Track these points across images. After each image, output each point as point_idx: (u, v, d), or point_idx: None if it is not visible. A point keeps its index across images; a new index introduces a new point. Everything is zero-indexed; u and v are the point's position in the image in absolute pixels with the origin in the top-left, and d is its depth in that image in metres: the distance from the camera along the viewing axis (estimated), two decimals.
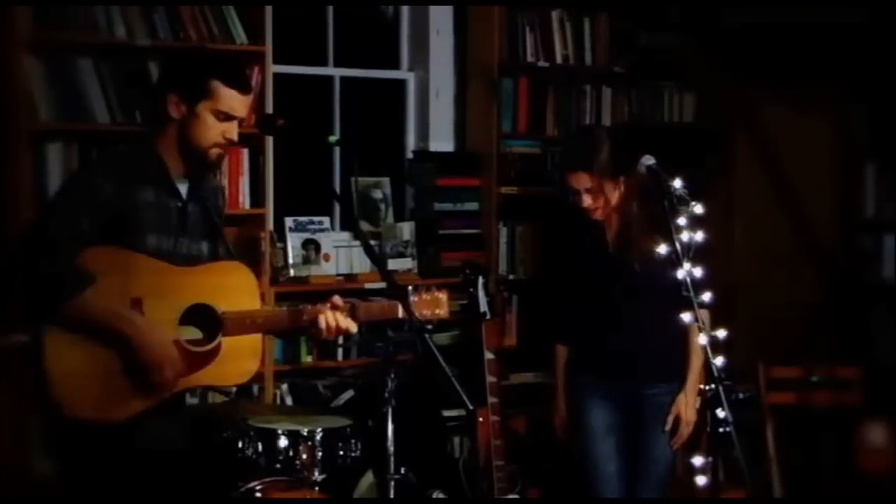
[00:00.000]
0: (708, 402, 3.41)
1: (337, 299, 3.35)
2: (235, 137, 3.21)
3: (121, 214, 3.07)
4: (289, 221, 5.09)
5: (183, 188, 3.23)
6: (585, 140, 4.06)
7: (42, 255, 2.95)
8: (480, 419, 4.49)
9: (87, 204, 3.04)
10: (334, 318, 3.30)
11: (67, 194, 3.14)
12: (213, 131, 3.16)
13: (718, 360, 3.39)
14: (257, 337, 3.27)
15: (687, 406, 4.09)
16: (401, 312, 3.44)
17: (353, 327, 3.35)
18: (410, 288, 3.53)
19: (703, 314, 3.49)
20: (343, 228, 5.34)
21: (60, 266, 2.96)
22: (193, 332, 3.19)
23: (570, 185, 4.02)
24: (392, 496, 3.70)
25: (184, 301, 3.14)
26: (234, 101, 3.17)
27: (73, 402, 3.01)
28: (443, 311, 3.55)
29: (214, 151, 3.19)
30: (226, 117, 3.16)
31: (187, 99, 3.14)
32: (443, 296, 3.56)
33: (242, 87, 3.19)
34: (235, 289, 3.23)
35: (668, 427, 4.09)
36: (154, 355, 3.05)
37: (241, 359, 3.24)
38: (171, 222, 3.18)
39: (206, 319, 3.17)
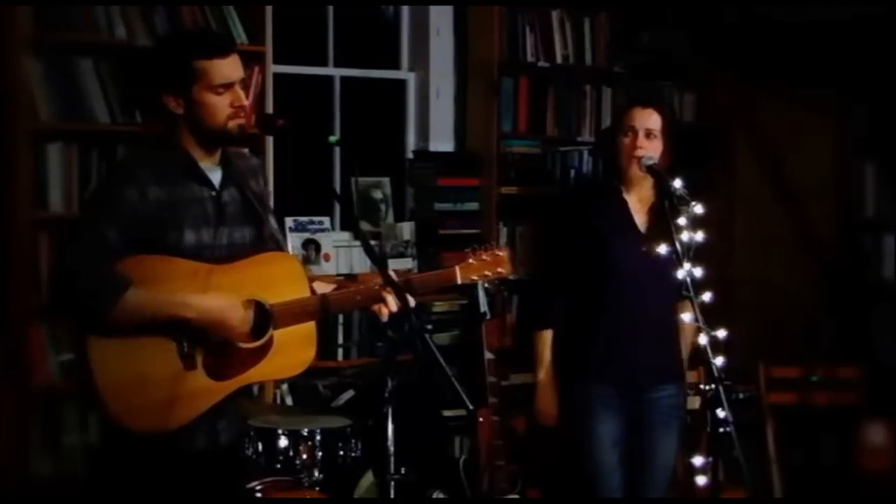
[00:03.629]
0: (708, 402, 3.41)
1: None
2: (245, 101, 3.09)
3: (152, 218, 2.97)
4: (289, 221, 5.09)
5: (215, 177, 3.11)
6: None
7: (76, 274, 2.86)
8: (480, 419, 4.49)
9: (111, 217, 2.94)
10: (394, 298, 3.15)
11: (90, 212, 3.03)
12: (220, 107, 3.04)
13: (718, 360, 3.39)
14: (311, 325, 3.16)
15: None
16: (459, 278, 3.31)
17: (412, 301, 3.15)
18: (467, 251, 3.35)
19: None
20: (343, 228, 5.34)
21: (95, 281, 2.86)
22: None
23: (630, 124, 3.98)
24: (392, 496, 3.70)
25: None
26: (224, 68, 3.04)
27: (129, 413, 2.92)
28: (505, 269, 3.35)
29: (233, 124, 3.06)
30: (224, 88, 3.05)
31: (180, 91, 3.04)
32: (503, 253, 3.36)
33: (222, 50, 3.06)
34: (281, 279, 3.12)
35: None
36: (217, 315, 2.96)
37: (295, 349, 3.14)
38: (208, 214, 3.07)
39: (255, 315, 3.07)
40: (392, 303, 3.16)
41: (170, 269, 2.98)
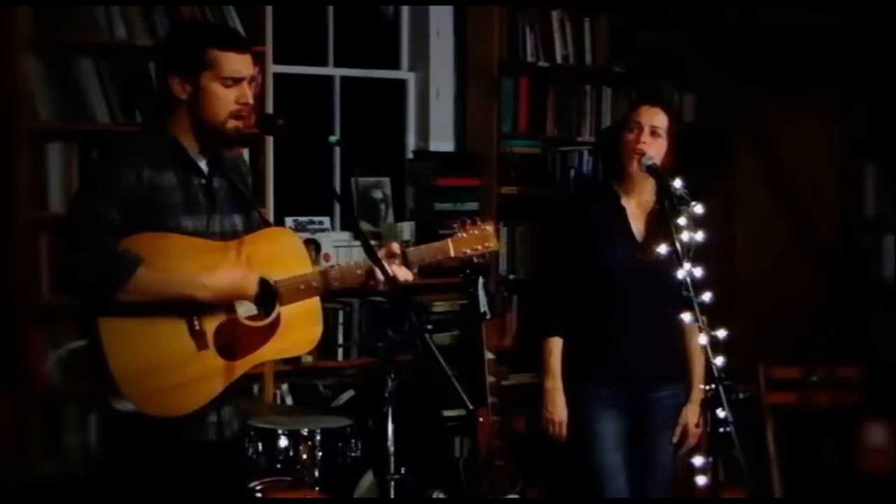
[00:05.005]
0: (708, 402, 3.41)
1: (395, 247, 3.22)
2: (250, 100, 3.09)
3: (147, 202, 2.96)
4: (289, 221, 5.09)
5: (204, 164, 3.11)
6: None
7: (82, 253, 2.85)
8: (480, 419, 4.49)
9: (112, 194, 2.93)
10: (391, 269, 3.14)
11: (91, 189, 3.00)
12: (226, 100, 3.04)
13: (718, 360, 3.39)
14: (315, 301, 3.14)
15: (692, 416, 4.06)
16: (452, 251, 3.32)
17: (410, 275, 3.18)
18: (456, 225, 3.36)
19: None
20: (343, 228, 5.34)
21: (104, 258, 2.85)
22: (250, 308, 3.07)
23: (636, 120, 3.97)
24: (392, 496, 3.70)
25: None
26: (236, 63, 3.05)
27: (146, 397, 2.90)
28: (492, 244, 3.37)
29: (232, 125, 3.06)
30: (233, 82, 3.04)
31: (189, 76, 3.03)
32: (489, 227, 3.37)
33: (239, 45, 3.08)
34: (284, 255, 3.12)
35: (675, 440, 4.07)
36: (230, 291, 2.96)
37: (303, 326, 3.12)
38: (199, 201, 3.06)
39: (260, 292, 3.05)
40: (381, 275, 3.12)
41: (175, 246, 2.97)
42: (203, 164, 3.12)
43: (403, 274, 3.18)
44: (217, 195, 3.12)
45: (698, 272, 3.49)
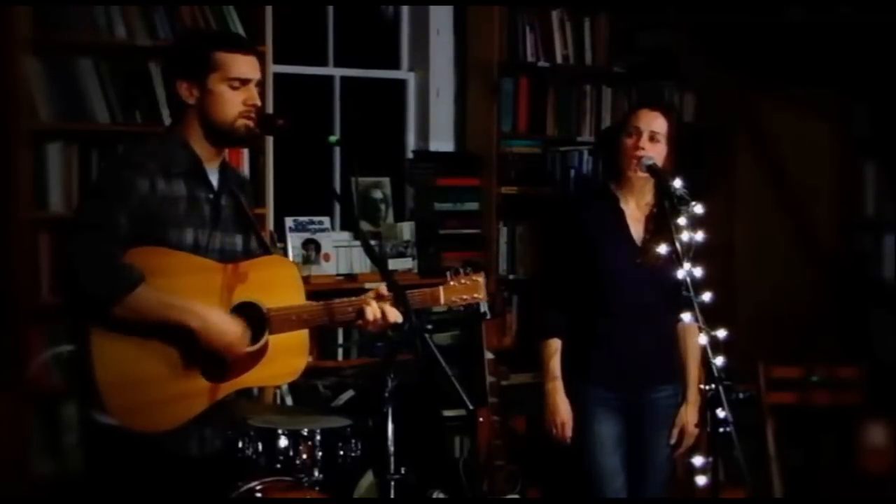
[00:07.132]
0: (708, 402, 3.41)
1: (382, 289, 3.23)
2: (258, 101, 3.11)
3: (155, 210, 2.98)
4: (289, 221, 5.09)
5: (214, 179, 3.13)
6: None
7: (86, 257, 2.85)
8: (480, 419, 4.50)
9: (124, 201, 2.93)
10: (380, 310, 3.19)
11: (102, 193, 3.00)
12: (233, 102, 3.06)
13: (718, 360, 3.39)
14: (304, 333, 3.17)
15: (690, 417, 4.07)
16: (443, 298, 3.38)
17: (399, 317, 3.20)
18: (448, 272, 3.42)
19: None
20: (343, 228, 5.34)
21: (108, 266, 2.86)
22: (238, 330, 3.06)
23: (635, 124, 3.96)
24: (392, 496, 3.70)
25: (229, 300, 3.05)
26: (242, 64, 3.08)
27: (127, 410, 2.91)
28: (480, 295, 3.44)
29: (241, 124, 3.08)
30: (240, 83, 3.07)
31: (196, 79, 3.05)
32: (481, 278, 3.44)
33: (242, 47, 3.12)
34: (280, 284, 3.14)
35: (672, 441, 4.08)
36: (223, 338, 2.96)
37: (288, 357, 3.14)
38: (205, 215, 3.08)
39: (251, 318, 3.07)
40: (371, 316, 3.17)
41: (175, 263, 2.98)
42: (214, 179, 3.13)
43: (393, 315, 3.20)
44: (223, 212, 3.14)
45: (698, 272, 3.49)
